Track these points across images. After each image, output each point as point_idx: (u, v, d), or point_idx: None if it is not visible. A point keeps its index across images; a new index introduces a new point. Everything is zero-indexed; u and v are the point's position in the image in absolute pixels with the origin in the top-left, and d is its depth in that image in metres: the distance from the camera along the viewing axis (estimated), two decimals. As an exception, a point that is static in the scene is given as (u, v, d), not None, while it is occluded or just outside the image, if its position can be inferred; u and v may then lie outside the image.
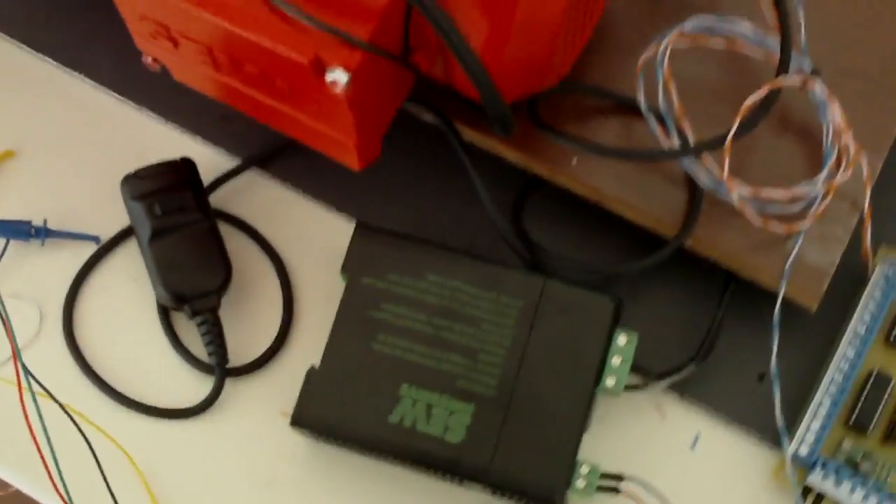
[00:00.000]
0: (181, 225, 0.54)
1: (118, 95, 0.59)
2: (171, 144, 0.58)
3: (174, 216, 0.54)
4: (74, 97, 0.59)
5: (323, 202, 0.57)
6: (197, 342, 0.54)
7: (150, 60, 0.52)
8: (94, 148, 0.58)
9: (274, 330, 0.55)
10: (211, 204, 0.56)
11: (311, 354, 0.52)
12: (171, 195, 0.54)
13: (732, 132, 0.51)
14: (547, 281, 0.51)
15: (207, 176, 0.56)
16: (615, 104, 0.55)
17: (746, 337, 0.54)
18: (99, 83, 0.59)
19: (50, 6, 0.60)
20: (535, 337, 0.51)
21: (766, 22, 0.54)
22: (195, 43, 0.48)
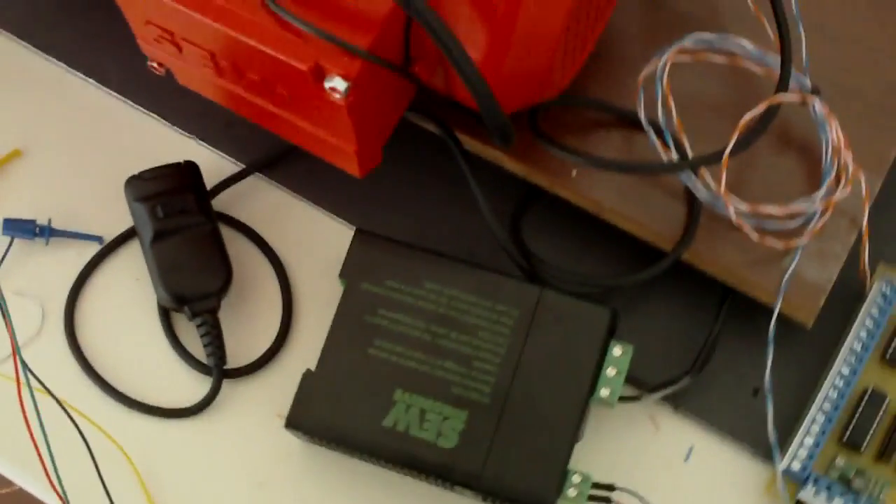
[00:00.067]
0: (183, 227, 0.54)
1: (124, 98, 0.59)
2: (175, 148, 0.58)
3: (176, 218, 0.54)
4: (81, 99, 0.60)
5: (324, 208, 0.58)
6: (197, 343, 0.55)
7: (154, 65, 0.52)
8: (99, 149, 0.59)
9: (273, 333, 0.55)
10: (213, 207, 0.56)
11: (309, 358, 0.52)
12: (173, 198, 0.54)
13: (730, 147, 0.51)
14: (543, 291, 0.51)
15: (211, 180, 0.57)
16: (616, 118, 0.55)
17: (742, 351, 0.54)
18: (105, 86, 0.60)
19: (59, 8, 0.61)
20: (530, 346, 0.51)
21: (768, 39, 0.54)
22: (198, 48, 0.48)
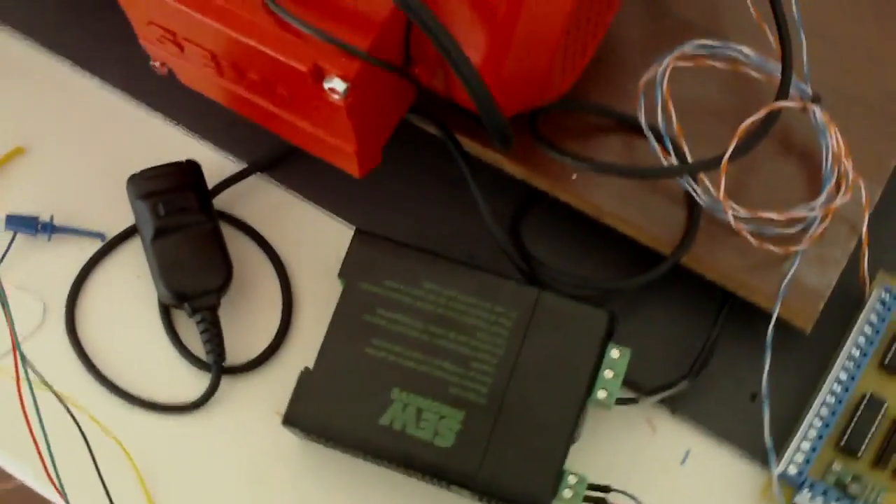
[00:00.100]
0: (184, 225, 0.55)
1: (128, 96, 0.60)
2: (178, 147, 0.59)
3: (177, 216, 0.55)
4: (86, 97, 0.60)
5: (325, 208, 0.58)
6: (197, 340, 0.55)
7: (157, 64, 0.53)
8: (102, 147, 0.59)
9: (272, 331, 0.56)
10: (215, 206, 0.56)
11: (307, 356, 0.52)
12: (175, 196, 0.55)
13: (729, 152, 0.51)
14: (542, 293, 0.52)
15: (213, 179, 0.57)
16: (617, 122, 0.55)
17: (741, 356, 0.54)
18: (110, 84, 0.60)
19: (64, 7, 0.61)
20: (527, 347, 0.51)
21: (770, 47, 0.54)
22: (199, 48, 0.48)
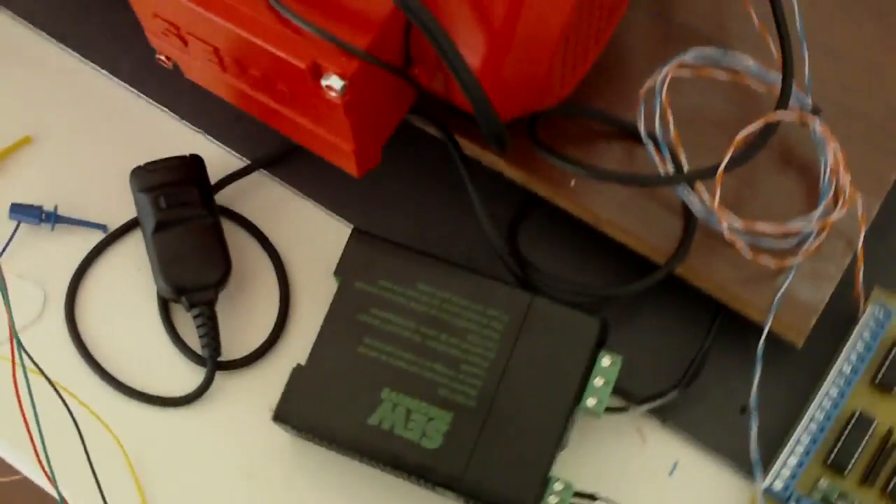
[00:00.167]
0: (184, 219, 0.55)
1: (135, 90, 0.60)
2: (182, 141, 0.59)
3: (178, 210, 0.55)
4: (93, 89, 0.61)
5: (325, 206, 0.58)
6: (194, 334, 0.55)
7: (163, 58, 0.53)
8: (108, 140, 0.60)
9: (269, 327, 0.56)
10: (217, 201, 0.57)
11: (303, 353, 0.53)
12: (176, 189, 0.55)
13: (724, 163, 0.51)
14: (535, 298, 0.52)
15: (216, 174, 0.58)
16: (617, 129, 0.55)
17: (732, 368, 0.54)
18: (117, 77, 0.60)
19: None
20: (518, 352, 0.51)
21: (772, 58, 0.55)
22: (203, 43, 0.49)
